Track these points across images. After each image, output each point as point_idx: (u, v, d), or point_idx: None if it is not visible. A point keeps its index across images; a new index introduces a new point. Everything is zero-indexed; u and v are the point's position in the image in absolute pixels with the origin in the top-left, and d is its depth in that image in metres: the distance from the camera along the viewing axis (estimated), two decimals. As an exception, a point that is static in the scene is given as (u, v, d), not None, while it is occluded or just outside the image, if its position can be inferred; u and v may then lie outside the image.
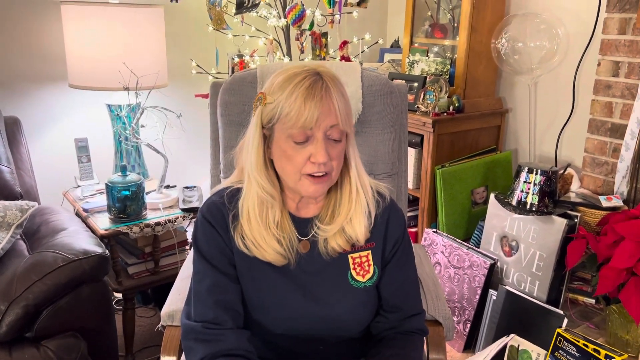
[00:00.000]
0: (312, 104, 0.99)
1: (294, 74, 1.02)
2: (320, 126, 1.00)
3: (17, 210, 1.76)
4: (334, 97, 1.01)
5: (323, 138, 1.01)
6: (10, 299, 1.49)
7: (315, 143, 1.01)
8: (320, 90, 1.00)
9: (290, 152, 1.03)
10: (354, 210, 1.11)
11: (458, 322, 2.16)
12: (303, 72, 1.02)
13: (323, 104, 0.99)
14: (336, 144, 1.04)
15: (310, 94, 0.99)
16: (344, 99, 1.03)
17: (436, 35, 2.73)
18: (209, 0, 2.28)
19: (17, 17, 2.23)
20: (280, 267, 1.11)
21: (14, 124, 2.13)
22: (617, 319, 1.89)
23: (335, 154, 1.04)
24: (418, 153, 2.51)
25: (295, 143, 1.02)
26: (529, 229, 2.11)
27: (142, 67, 2.13)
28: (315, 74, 1.02)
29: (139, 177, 2.04)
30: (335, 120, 1.01)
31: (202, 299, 1.10)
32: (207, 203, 1.15)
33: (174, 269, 2.22)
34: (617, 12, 2.18)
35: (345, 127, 1.03)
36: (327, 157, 1.02)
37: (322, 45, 2.32)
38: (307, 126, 0.99)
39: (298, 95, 0.99)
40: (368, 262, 1.15)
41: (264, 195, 1.08)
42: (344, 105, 1.02)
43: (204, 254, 1.12)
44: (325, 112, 1.00)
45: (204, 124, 1.89)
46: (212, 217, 1.12)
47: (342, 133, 1.04)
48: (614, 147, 2.26)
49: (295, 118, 0.99)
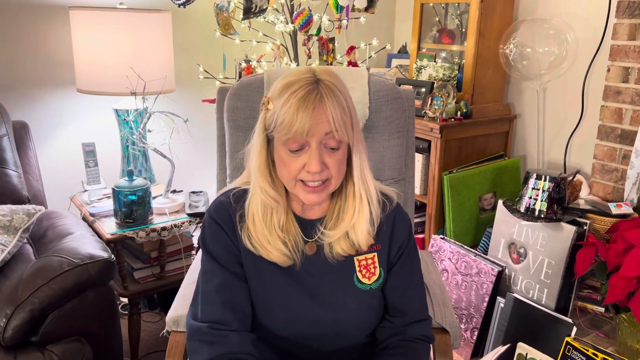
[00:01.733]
0: (304, 115, 0.98)
1: (291, 82, 1.02)
2: (314, 135, 1.00)
3: (24, 215, 1.77)
4: (328, 107, 0.99)
5: (317, 147, 1.01)
6: (15, 303, 1.49)
7: (310, 152, 1.01)
8: (313, 100, 0.99)
9: (286, 159, 1.04)
10: (357, 218, 1.11)
11: (465, 330, 2.14)
12: (301, 79, 1.01)
13: (315, 114, 0.99)
14: (333, 152, 1.04)
15: (302, 104, 0.98)
16: (340, 108, 1.01)
17: (444, 40, 2.72)
18: (217, 5, 2.29)
19: (26, 22, 2.25)
20: (287, 268, 1.12)
21: (22, 128, 2.15)
22: (627, 328, 1.87)
23: (332, 162, 1.04)
24: (425, 159, 2.50)
25: (290, 151, 1.02)
26: (537, 236, 2.09)
27: (149, 72, 2.14)
28: (313, 82, 1.01)
29: (145, 182, 2.05)
30: (329, 128, 1.00)
31: (210, 299, 1.10)
32: (214, 203, 1.16)
33: (180, 274, 2.22)
34: (626, 17, 2.16)
35: (341, 136, 1.02)
36: (321, 167, 1.02)
37: (329, 51, 2.32)
38: (298, 136, 0.99)
39: (291, 104, 0.99)
40: (374, 264, 1.15)
41: (267, 200, 1.09)
42: (340, 114, 1.00)
43: (212, 253, 1.12)
44: (318, 121, 0.99)
45: (210, 129, 1.89)
46: (219, 217, 1.12)
47: (339, 142, 1.03)
48: (624, 154, 2.23)
49: (287, 127, 0.99)
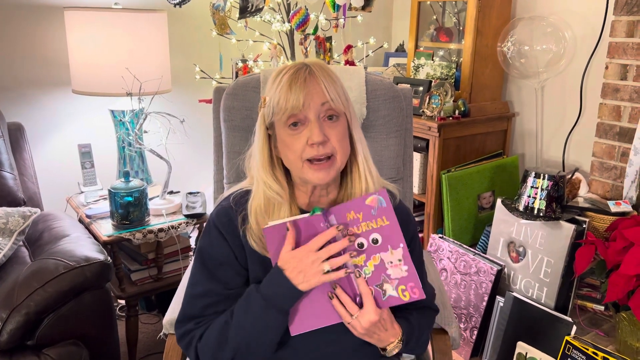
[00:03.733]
0: (296, 87, 1.01)
1: (281, 69, 1.06)
2: (310, 107, 1.02)
3: (20, 217, 1.76)
4: (319, 78, 1.03)
5: (317, 119, 1.03)
6: (11, 306, 1.48)
7: (310, 125, 1.03)
8: (303, 74, 1.03)
9: (289, 139, 1.04)
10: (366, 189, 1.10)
11: (465, 329, 2.13)
12: (291, 66, 1.05)
13: (307, 85, 1.02)
14: (333, 123, 1.05)
15: (294, 79, 1.02)
16: (331, 79, 1.04)
17: (441, 38, 2.71)
18: (213, 5, 2.28)
19: (21, 23, 2.23)
20: None
21: (18, 130, 2.13)
22: (627, 327, 1.86)
23: (334, 133, 1.04)
24: (423, 158, 2.49)
25: (291, 128, 1.04)
26: (536, 234, 2.08)
27: (145, 73, 2.12)
28: (302, 65, 1.05)
29: (141, 183, 2.03)
30: (324, 98, 1.02)
31: (194, 301, 1.11)
32: (216, 209, 1.15)
33: (178, 275, 2.21)
34: (624, 14, 2.15)
35: (337, 105, 1.04)
36: (323, 137, 1.03)
37: (326, 50, 2.31)
38: (296, 109, 1.01)
39: (282, 83, 1.03)
40: None
41: (270, 194, 1.08)
42: (332, 84, 1.04)
43: (205, 261, 1.12)
44: (312, 93, 1.02)
45: (207, 129, 1.88)
46: (221, 224, 1.11)
47: (337, 112, 1.05)
48: (623, 151, 2.23)
49: (284, 104, 1.02)
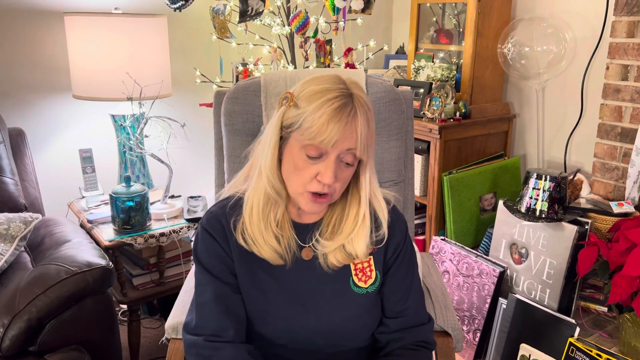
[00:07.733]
0: (335, 127, 0.97)
1: (327, 89, 1.00)
2: (337, 147, 0.99)
3: (21, 223, 1.76)
4: (359, 124, 0.99)
5: (335, 160, 1.00)
6: (13, 312, 1.48)
7: (327, 162, 1.00)
8: (347, 115, 0.98)
9: (301, 164, 1.02)
10: (357, 232, 1.09)
11: (467, 332, 2.12)
12: (337, 89, 1.00)
13: (346, 129, 0.98)
14: (347, 167, 1.03)
15: (336, 115, 0.97)
16: (368, 127, 1.01)
17: (441, 40, 2.71)
18: (213, 9, 2.28)
19: (21, 28, 2.24)
20: (281, 274, 1.10)
21: (18, 135, 2.13)
22: (631, 328, 1.86)
23: (342, 176, 1.03)
24: (425, 160, 2.48)
25: (308, 157, 1.01)
26: (538, 236, 2.08)
27: (145, 77, 2.12)
28: (348, 95, 0.99)
29: (142, 188, 2.03)
30: (354, 145, 0.99)
31: (204, 311, 1.10)
32: (206, 216, 1.15)
33: (179, 279, 2.21)
34: (625, 15, 2.15)
35: (362, 154, 1.01)
36: (334, 180, 1.01)
37: (326, 53, 2.31)
38: (323, 145, 0.98)
39: (325, 113, 0.97)
40: (370, 267, 1.13)
41: (271, 192, 1.07)
42: (366, 132, 1.00)
43: (205, 265, 1.12)
44: (346, 135, 0.98)
45: (208, 133, 1.88)
46: (211, 228, 1.11)
47: (356, 159, 1.03)
48: (624, 152, 2.22)
49: (315, 134, 0.97)
